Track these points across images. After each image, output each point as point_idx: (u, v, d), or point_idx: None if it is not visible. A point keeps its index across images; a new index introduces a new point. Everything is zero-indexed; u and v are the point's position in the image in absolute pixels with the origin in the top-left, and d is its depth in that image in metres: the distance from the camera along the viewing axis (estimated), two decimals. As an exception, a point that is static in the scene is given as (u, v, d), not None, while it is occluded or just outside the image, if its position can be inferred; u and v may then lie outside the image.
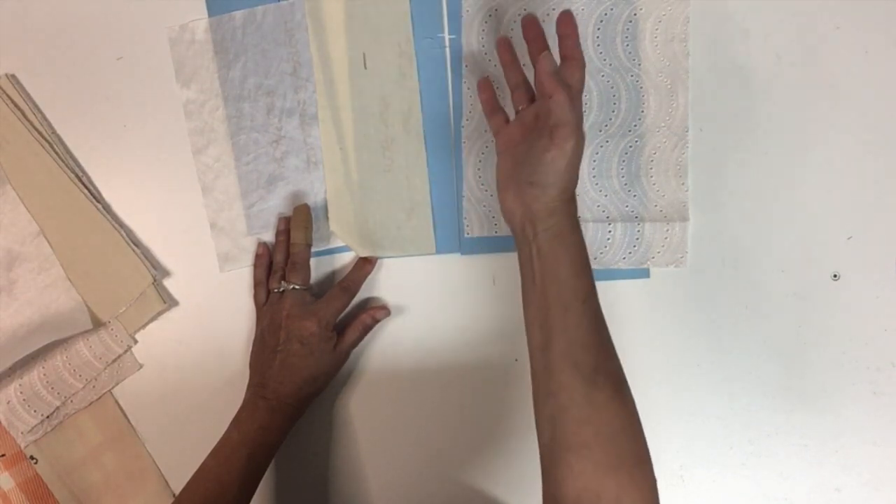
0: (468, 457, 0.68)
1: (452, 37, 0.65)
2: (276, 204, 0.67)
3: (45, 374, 0.66)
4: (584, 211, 0.65)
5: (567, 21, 0.54)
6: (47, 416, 0.66)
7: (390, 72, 0.65)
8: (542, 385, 0.50)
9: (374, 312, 0.66)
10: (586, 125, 0.65)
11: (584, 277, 0.51)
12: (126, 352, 0.67)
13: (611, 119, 0.65)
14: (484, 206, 0.66)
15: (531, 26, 0.56)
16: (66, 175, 0.66)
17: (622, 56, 0.65)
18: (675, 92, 0.65)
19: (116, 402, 0.68)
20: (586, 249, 0.52)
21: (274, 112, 0.66)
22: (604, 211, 0.65)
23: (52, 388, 0.66)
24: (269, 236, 0.67)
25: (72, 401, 0.67)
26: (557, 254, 0.51)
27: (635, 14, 0.64)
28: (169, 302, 0.67)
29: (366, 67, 0.65)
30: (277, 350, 0.61)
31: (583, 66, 0.54)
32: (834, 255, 0.65)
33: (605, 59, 0.65)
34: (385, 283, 0.67)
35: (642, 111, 0.65)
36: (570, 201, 0.52)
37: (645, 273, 0.66)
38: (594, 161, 0.65)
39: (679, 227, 0.65)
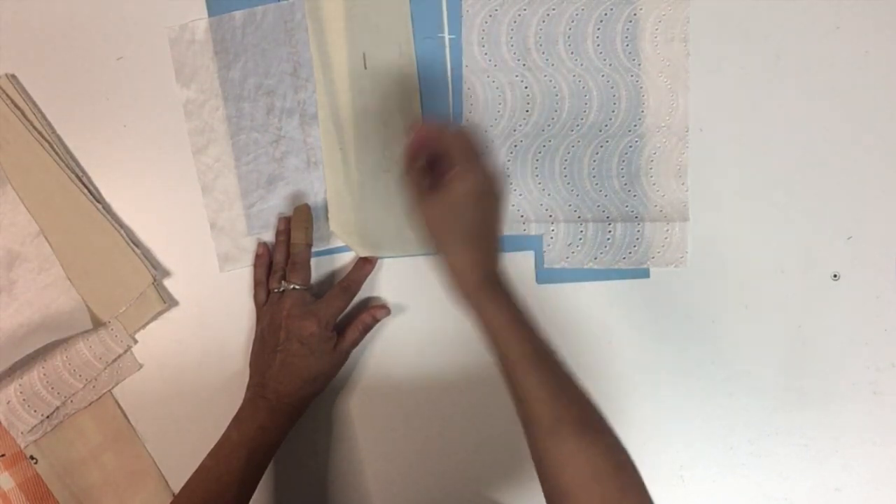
0: (468, 457, 0.68)
1: (452, 37, 0.65)
2: (276, 204, 0.67)
3: (45, 374, 0.65)
4: (584, 211, 0.65)
5: (422, 134, 0.54)
6: (47, 416, 0.66)
7: (390, 72, 0.65)
8: (522, 428, 0.51)
9: (374, 312, 0.65)
10: (586, 125, 0.65)
11: (525, 340, 0.50)
12: (126, 352, 0.67)
13: (611, 119, 0.65)
14: (484, 206, 0.66)
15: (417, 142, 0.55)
16: (66, 175, 0.66)
17: (622, 56, 0.65)
18: (675, 92, 0.65)
19: (116, 402, 0.68)
20: (520, 303, 0.52)
21: (274, 112, 0.66)
22: (604, 211, 0.65)
23: (52, 388, 0.66)
24: (269, 236, 0.67)
25: (72, 401, 0.67)
26: (491, 321, 0.51)
27: (635, 14, 0.64)
28: (169, 302, 0.67)
29: (366, 67, 0.65)
30: (277, 350, 0.61)
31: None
32: (834, 255, 0.65)
33: (605, 59, 0.65)
34: (385, 283, 0.67)
35: (642, 111, 0.65)
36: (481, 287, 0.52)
37: (645, 273, 0.66)
38: (594, 161, 0.65)
39: (679, 227, 0.65)
